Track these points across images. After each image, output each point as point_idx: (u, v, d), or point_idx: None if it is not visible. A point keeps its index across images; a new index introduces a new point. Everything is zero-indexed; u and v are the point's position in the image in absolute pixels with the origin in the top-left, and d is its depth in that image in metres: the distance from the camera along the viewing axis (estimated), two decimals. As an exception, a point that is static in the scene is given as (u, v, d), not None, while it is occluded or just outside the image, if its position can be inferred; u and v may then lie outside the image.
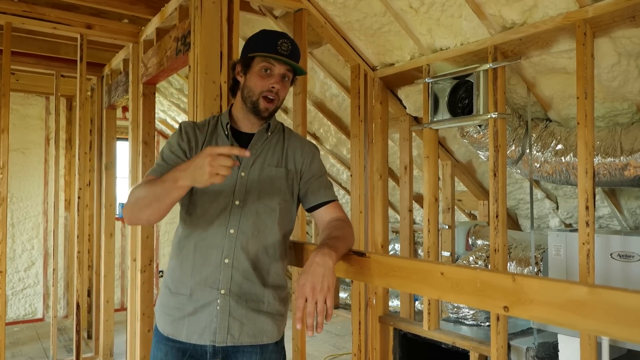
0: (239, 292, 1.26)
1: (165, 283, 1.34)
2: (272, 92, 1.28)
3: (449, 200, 3.44)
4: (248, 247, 1.28)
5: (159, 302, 1.34)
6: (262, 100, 1.29)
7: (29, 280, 5.05)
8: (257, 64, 1.28)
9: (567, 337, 2.25)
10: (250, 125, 1.35)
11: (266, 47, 1.27)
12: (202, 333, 1.25)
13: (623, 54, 2.00)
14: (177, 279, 1.29)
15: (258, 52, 1.27)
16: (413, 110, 2.97)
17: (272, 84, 1.28)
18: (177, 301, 1.28)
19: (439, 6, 2.24)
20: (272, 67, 1.28)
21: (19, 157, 4.98)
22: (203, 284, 1.26)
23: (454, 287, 0.88)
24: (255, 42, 1.31)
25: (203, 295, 1.25)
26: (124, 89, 3.36)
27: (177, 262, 1.30)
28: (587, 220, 1.90)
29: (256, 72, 1.28)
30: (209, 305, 1.25)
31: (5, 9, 2.83)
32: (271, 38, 1.28)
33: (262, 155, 1.33)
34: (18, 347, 4.26)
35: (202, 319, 1.25)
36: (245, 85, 1.30)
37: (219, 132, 1.34)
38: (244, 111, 1.33)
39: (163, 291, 1.34)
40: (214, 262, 1.26)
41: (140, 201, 1.17)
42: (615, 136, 2.30)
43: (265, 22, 3.07)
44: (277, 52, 1.26)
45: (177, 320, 1.27)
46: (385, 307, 3.00)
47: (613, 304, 0.63)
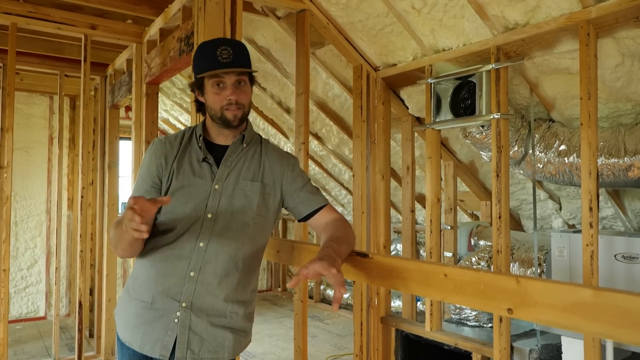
0: (201, 307, 1.24)
1: (126, 287, 1.33)
2: (231, 105, 1.26)
3: (451, 200, 3.43)
4: (216, 261, 1.25)
5: (118, 306, 1.34)
6: (226, 112, 1.27)
7: (31, 278, 5.06)
8: (207, 82, 1.27)
9: (571, 339, 2.24)
10: (224, 138, 1.33)
11: (208, 61, 1.24)
12: (154, 345, 1.23)
13: (627, 55, 1.99)
14: (138, 284, 1.28)
15: (202, 72, 1.26)
16: (415, 110, 2.97)
17: (228, 97, 1.25)
18: (135, 307, 1.26)
19: (441, 7, 2.24)
20: (222, 79, 1.25)
21: (22, 156, 5.00)
22: (165, 294, 1.23)
23: (457, 289, 0.88)
24: (197, 60, 1.29)
25: (163, 305, 1.23)
26: (127, 89, 3.36)
27: (142, 267, 1.29)
28: (590, 221, 1.89)
29: (209, 90, 1.27)
30: (166, 317, 1.23)
31: (10, 9, 2.84)
32: (209, 50, 1.26)
33: (237, 168, 1.31)
34: (20, 345, 4.28)
35: (156, 329, 1.23)
36: (207, 105, 1.30)
37: (193, 144, 1.33)
38: (216, 127, 1.32)
39: (123, 295, 1.33)
40: (179, 274, 1.24)
41: (111, 241, 1.25)
42: (619, 137, 2.29)
43: (268, 23, 3.07)
44: (218, 64, 1.23)
45: (133, 328, 1.26)
46: (387, 307, 3.00)
47: (618, 306, 0.63)
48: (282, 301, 6.02)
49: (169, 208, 1.26)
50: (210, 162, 1.30)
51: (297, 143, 2.61)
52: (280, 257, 1.65)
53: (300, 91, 2.59)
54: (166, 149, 1.31)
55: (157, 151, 1.31)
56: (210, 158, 1.30)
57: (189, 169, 1.29)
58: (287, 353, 4.02)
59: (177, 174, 1.28)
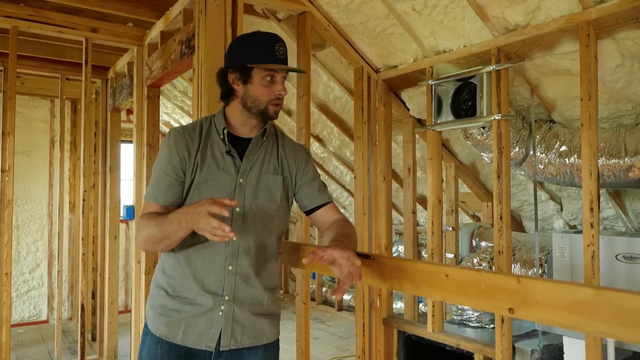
0: (242, 298, 1.29)
1: (159, 284, 1.32)
2: (279, 99, 1.30)
3: (452, 201, 3.43)
4: (250, 253, 1.30)
5: (152, 303, 1.33)
6: (271, 106, 1.29)
7: (33, 282, 5.07)
8: (258, 73, 1.27)
9: (572, 339, 2.24)
10: (248, 130, 1.34)
11: (265, 55, 1.26)
12: (199, 338, 1.26)
13: (627, 56, 2.00)
14: (178, 282, 1.29)
15: (260, 63, 1.26)
16: (416, 112, 2.98)
17: (279, 92, 1.29)
18: (177, 304, 1.28)
19: (441, 8, 2.24)
20: (275, 74, 1.28)
21: (24, 160, 5.01)
22: (207, 291, 1.27)
23: (458, 289, 0.88)
24: (251, 49, 1.28)
25: (206, 301, 1.27)
26: (129, 92, 3.38)
27: (178, 266, 1.29)
28: (591, 221, 1.90)
29: (259, 82, 1.27)
30: (211, 312, 1.26)
31: (11, 12, 2.85)
32: (267, 44, 1.27)
33: (259, 161, 1.33)
34: (23, 349, 4.28)
35: (200, 324, 1.26)
36: (249, 95, 1.29)
37: (214, 137, 1.32)
38: (245, 117, 1.32)
39: (157, 293, 1.32)
40: (217, 269, 1.27)
41: (152, 238, 1.23)
42: (620, 137, 2.29)
43: (269, 25, 3.08)
44: (277, 59, 1.26)
45: (173, 323, 1.27)
46: (389, 309, 3.00)
47: (618, 305, 0.63)
48: (284, 303, 6.02)
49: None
50: (234, 155, 1.30)
51: (298, 145, 2.62)
52: (282, 258, 1.65)
53: (301, 93, 2.60)
54: (187, 140, 1.29)
55: (177, 143, 1.28)
56: (234, 151, 1.31)
57: (213, 162, 1.29)
58: (290, 355, 4.02)
59: (202, 166, 1.27)
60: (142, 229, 1.24)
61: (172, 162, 1.27)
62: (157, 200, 1.27)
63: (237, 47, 1.31)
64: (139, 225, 1.25)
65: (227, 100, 1.34)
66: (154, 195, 1.28)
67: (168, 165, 1.27)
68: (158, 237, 1.21)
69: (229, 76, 1.30)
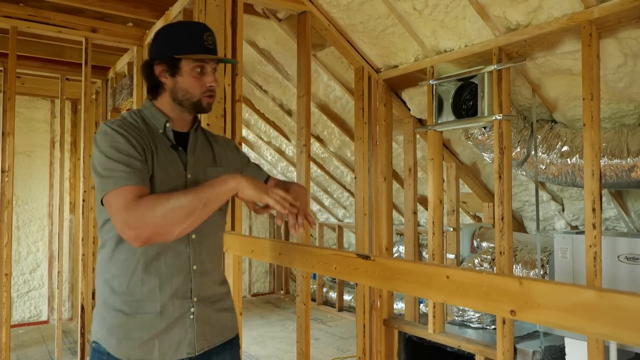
0: (206, 296, 1.25)
1: (111, 306, 1.17)
2: (211, 91, 1.23)
3: (453, 202, 3.42)
4: (208, 250, 1.26)
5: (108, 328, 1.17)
6: (204, 98, 1.23)
7: (34, 282, 5.06)
8: (187, 65, 1.19)
9: (574, 341, 2.23)
10: (182, 124, 1.27)
11: (194, 45, 1.18)
12: (178, 348, 1.19)
13: (629, 55, 1.99)
14: (136, 298, 1.16)
15: (188, 54, 1.18)
16: (417, 112, 2.97)
17: (210, 83, 1.22)
18: (141, 322, 1.16)
19: (442, 8, 2.24)
20: (205, 65, 1.21)
21: (24, 160, 5.01)
22: (175, 297, 1.19)
23: (459, 291, 0.87)
24: (179, 40, 1.19)
25: (175, 308, 1.19)
26: (129, 92, 3.37)
27: (134, 279, 1.16)
28: (594, 222, 1.88)
29: (188, 73, 1.20)
30: (182, 317, 1.19)
31: (10, 13, 2.85)
32: (195, 33, 1.19)
33: (201, 155, 1.29)
34: (23, 350, 4.27)
35: (175, 333, 1.19)
36: (178, 87, 1.21)
37: (154, 132, 1.21)
38: (177, 111, 1.24)
39: (111, 315, 1.16)
40: (183, 271, 1.20)
41: (178, 211, 1.06)
42: (622, 137, 2.28)
43: (269, 25, 3.08)
44: (206, 49, 1.19)
45: (145, 343, 1.16)
46: (390, 309, 2.99)
47: (622, 308, 0.62)
48: (285, 304, 6.01)
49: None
50: (180, 150, 1.24)
51: (298, 145, 2.61)
52: (283, 259, 1.64)
53: (301, 93, 2.59)
54: (137, 131, 1.16)
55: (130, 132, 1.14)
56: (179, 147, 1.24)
57: (164, 158, 1.19)
58: (290, 356, 4.01)
59: (157, 158, 1.17)
60: (158, 205, 1.05)
61: (135, 146, 1.12)
62: (140, 183, 1.08)
63: (163, 37, 1.23)
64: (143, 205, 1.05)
65: (155, 94, 1.25)
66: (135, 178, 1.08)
67: (132, 150, 1.11)
68: (191, 206, 1.06)
69: (155, 68, 1.21)
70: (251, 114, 4.44)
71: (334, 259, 1.29)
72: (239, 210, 2.12)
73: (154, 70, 1.22)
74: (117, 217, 1.06)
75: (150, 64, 1.22)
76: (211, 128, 2.04)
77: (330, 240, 6.00)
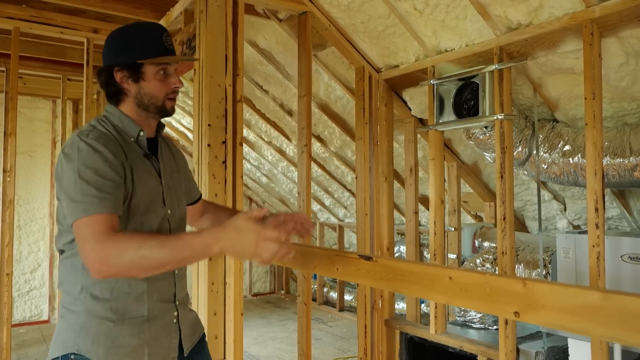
0: (183, 298, 1.28)
1: (96, 314, 1.11)
2: (175, 93, 1.22)
3: (454, 202, 3.41)
4: None
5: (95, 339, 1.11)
6: (168, 101, 1.21)
7: (35, 282, 5.07)
8: (151, 69, 1.16)
9: (578, 342, 2.22)
10: (149, 130, 1.24)
11: (155, 48, 1.16)
12: (166, 354, 1.20)
13: (631, 54, 1.98)
14: (122, 304, 1.13)
15: (149, 58, 1.15)
16: (418, 112, 2.96)
17: (175, 84, 1.20)
18: (130, 329, 1.13)
19: (443, 8, 2.23)
20: (167, 67, 1.19)
21: (26, 160, 5.01)
22: (160, 301, 1.19)
23: (462, 292, 0.87)
24: (137, 43, 1.16)
25: (162, 313, 1.19)
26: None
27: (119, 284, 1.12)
28: (596, 222, 1.88)
29: (153, 77, 1.17)
30: (168, 322, 1.21)
31: (13, 14, 2.85)
32: (153, 35, 1.17)
33: (167, 161, 1.28)
34: (24, 349, 4.28)
35: (163, 337, 1.19)
36: (144, 92, 1.18)
37: (125, 140, 1.17)
38: (143, 117, 1.20)
39: (97, 324, 1.11)
40: (168, 275, 1.21)
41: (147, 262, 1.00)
42: (624, 136, 2.28)
43: (270, 25, 3.07)
44: (167, 51, 1.17)
45: (135, 349, 1.13)
46: (392, 310, 2.98)
47: (628, 309, 0.62)
48: (285, 304, 6.01)
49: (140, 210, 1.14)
50: (152, 157, 1.22)
51: (299, 145, 2.61)
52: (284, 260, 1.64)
53: (302, 93, 2.59)
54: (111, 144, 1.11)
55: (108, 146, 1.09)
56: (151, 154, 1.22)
57: (142, 168, 1.17)
58: (291, 356, 4.00)
59: (136, 173, 1.14)
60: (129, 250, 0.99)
61: (112, 167, 1.06)
62: (116, 211, 1.05)
63: (120, 41, 1.18)
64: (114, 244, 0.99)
65: (117, 100, 1.20)
66: (107, 206, 1.03)
67: (109, 171, 1.06)
68: (162, 261, 1.00)
69: (116, 75, 1.17)
70: (252, 114, 4.43)
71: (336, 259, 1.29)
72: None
73: (113, 76, 1.17)
74: (85, 246, 1.01)
75: (109, 71, 1.17)
76: (212, 128, 2.04)
77: (330, 240, 6.00)
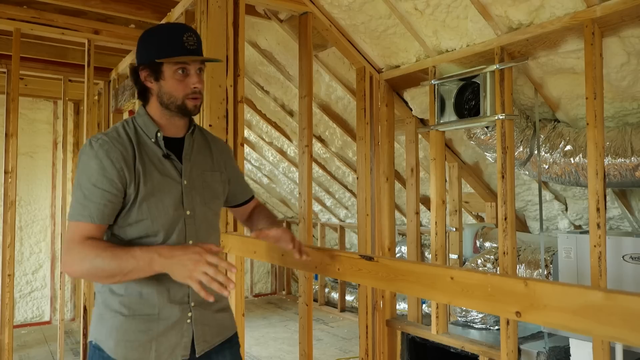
0: (204, 300, 1.23)
1: (110, 307, 1.19)
2: (195, 93, 1.22)
3: (456, 202, 3.41)
4: None
5: (107, 329, 1.18)
6: (189, 101, 1.21)
7: (36, 283, 5.07)
8: (169, 68, 1.19)
9: (579, 342, 2.22)
10: (175, 130, 1.26)
11: (173, 47, 1.17)
12: (174, 350, 1.21)
13: (632, 53, 1.98)
14: (134, 300, 1.18)
15: (168, 57, 1.17)
16: (419, 112, 2.96)
17: (194, 85, 1.21)
18: (139, 324, 1.18)
19: (444, 8, 2.23)
20: (187, 66, 1.19)
21: (27, 161, 5.02)
22: (172, 302, 1.20)
23: (464, 292, 0.86)
24: (158, 44, 1.19)
25: (173, 313, 1.21)
26: (131, 93, 3.37)
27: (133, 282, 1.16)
28: (598, 222, 1.87)
29: (171, 76, 1.19)
30: (179, 322, 1.22)
31: (14, 15, 2.85)
32: (174, 35, 1.18)
33: (197, 160, 1.28)
34: (25, 350, 4.28)
35: (172, 336, 1.21)
36: (163, 91, 1.21)
37: (144, 141, 1.21)
38: (167, 116, 1.23)
39: (110, 316, 1.18)
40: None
41: (102, 272, 1.08)
42: (626, 136, 2.27)
43: (271, 26, 3.08)
44: (187, 51, 1.18)
45: (143, 344, 1.18)
46: (393, 310, 2.98)
47: (630, 309, 0.62)
48: (287, 304, 6.01)
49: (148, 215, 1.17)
50: (173, 158, 1.23)
51: (300, 146, 2.61)
52: (285, 260, 1.64)
53: (303, 94, 2.59)
54: (119, 149, 1.15)
55: (110, 153, 1.13)
56: (172, 155, 1.23)
57: (155, 169, 1.19)
58: (292, 356, 4.00)
59: (145, 176, 1.16)
60: (87, 259, 1.07)
61: (107, 175, 1.12)
62: (93, 220, 1.11)
63: (145, 41, 1.22)
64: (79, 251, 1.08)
65: (145, 99, 1.26)
66: (87, 215, 1.10)
67: (102, 179, 1.11)
68: (113, 272, 1.07)
69: (141, 74, 1.22)
70: (253, 114, 4.44)
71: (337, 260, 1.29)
72: (242, 211, 2.11)
73: (139, 75, 1.22)
74: (63, 247, 1.16)
75: (136, 70, 1.22)
76: (213, 129, 2.04)
77: (332, 240, 5.99)
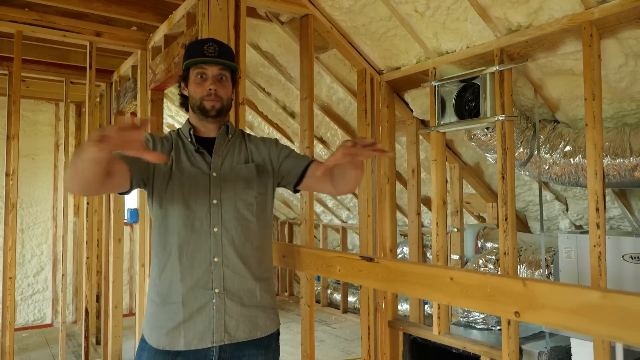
0: (233, 289, 1.29)
1: (149, 296, 1.33)
2: (210, 95, 1.33)
3: (457, 202, 3.42)
4: (235, 243, 1.31)
5: (146, 318, 1.33)
6: (206, 102, 1.34)
7: (38, 285, 5.08)
8: (192, 73, 1.35)
9: (580, 341, 2.22)
10: (207, 131, 1.39)
11: (194, 54, 1.35)
12: (202, 336, 1.26)
13: (630, 55, 1.99)
14: (164, 289, 1.28)
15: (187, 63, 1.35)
16: (420, 113, 2.97)
17: (209, 87, 1.33)
18: (167, 311, 1.27)
19: (444, 10, 2.24)
20: (206, 72, 1.34)
21: (28, 163, 5.03)
22: (195, 287, 1.27)
23: (463, 292, 0.87)
24: (187, 55, 1.38)
25: (197, 298, 1.26)
26: (133, 95, 3.39)
27: (165, 271, 1.29)
28: (597, 222, 1.88)
29: (192, 81, 1.35)
30: (205, 307, 1.26)
31: (16, 17, 2.87)
32: (198, 45, 1.37)
33: (229, 155, 1.38)
34: (27, 353, 4.29)
35: (199, 322, 1.26)
36: (190, 96, 1.37)
37: (182, 140, 1.38)
38: (198, 119, 1.38)
39: (148, 305, 1.33)
40: (202, 264, 1.28)
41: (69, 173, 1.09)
42: (624, 137, 2.28)
43: (272, 28, 3.09)
44: (204, 56, 1.34)
45: (171, 331, 1.26)
46: (395, 311, 2.99)
47: (626, 308, 0.63)
48: (289, 306, 6.01)
49: (173, 199, 1.29)
50: (203, 151, 1.35)
51: (301, 147, 2.62)
52: (286, 261, 1.65)
53: (304, 95, 2.60)
54: (161, 141, 1.36)
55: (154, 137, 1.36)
56: (202, 149, 1.36)
57: (186, 159, 1.33)
58: (295, 358, 4.01)
59: (177, 163, 1.32)
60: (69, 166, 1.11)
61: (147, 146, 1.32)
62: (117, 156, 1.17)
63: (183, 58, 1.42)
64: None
65: (186, 107, 1.42)
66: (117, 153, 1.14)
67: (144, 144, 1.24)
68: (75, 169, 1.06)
69: (181, 84, 1.40)
70: (254, 116, 4.45)
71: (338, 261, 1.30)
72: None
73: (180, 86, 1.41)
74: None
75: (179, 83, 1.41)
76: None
77: (334, 241, 6.00)
